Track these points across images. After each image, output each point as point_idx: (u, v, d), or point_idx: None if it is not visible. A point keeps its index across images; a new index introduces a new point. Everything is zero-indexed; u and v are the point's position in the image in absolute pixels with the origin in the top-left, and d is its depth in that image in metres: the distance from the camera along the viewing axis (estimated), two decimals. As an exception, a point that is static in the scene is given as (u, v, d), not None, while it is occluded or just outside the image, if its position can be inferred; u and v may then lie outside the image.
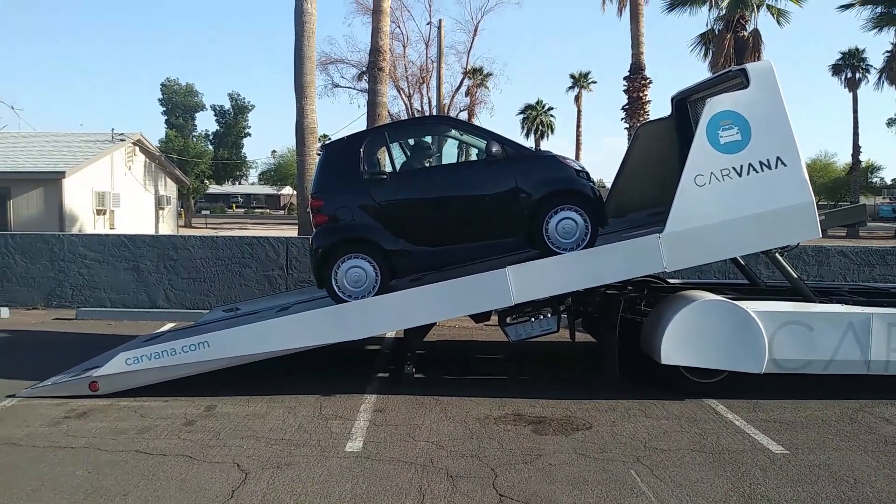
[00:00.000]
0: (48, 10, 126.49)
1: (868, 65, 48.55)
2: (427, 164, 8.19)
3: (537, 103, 64.19)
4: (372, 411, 6.92)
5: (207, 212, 75.38)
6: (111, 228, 25.69)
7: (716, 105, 7.34)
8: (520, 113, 64.47)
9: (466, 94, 47.19)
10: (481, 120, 51.56)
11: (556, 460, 5.71)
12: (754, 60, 22.03)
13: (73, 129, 33.63)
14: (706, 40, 25.83)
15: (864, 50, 49.17)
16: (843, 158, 65.88)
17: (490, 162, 7.51)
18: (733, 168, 7.23)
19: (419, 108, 42.59)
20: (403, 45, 41.52)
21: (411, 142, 8.23)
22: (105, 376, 7.30)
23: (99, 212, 25.49)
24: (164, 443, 6.01)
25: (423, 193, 7.67)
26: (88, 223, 24.58)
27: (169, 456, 5.71)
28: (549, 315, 7.81)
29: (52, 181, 22.82)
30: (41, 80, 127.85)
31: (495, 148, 7.46)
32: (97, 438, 6.09)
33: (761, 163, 7.23)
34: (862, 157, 52.84)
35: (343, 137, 8.16)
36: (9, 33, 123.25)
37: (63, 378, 7.82)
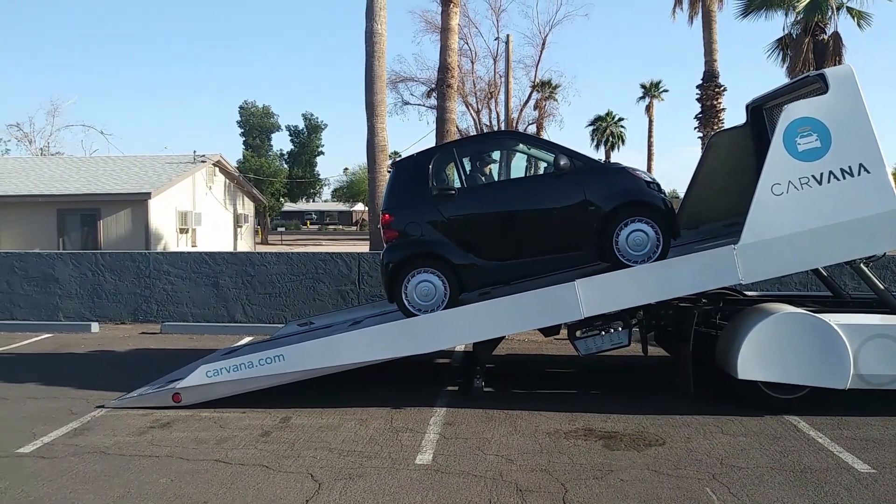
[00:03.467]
0: (137, 40, 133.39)
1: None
2: (495, 179, 8.23)
3: (607, 114, 63.39)
4: (442, 424, 6.97)
5: (283, 229, 77.68)
6: (193, 246, 26.78)
7: (793, 111, 7.13)
8: (589, 125, 63.76)
9: (535, 108, 47.13)
10: (550, 133, 51.48)
11: (627, 476, 5.61)
12: (835, 64, 21.23)
13: (158, 152, 35.32)
14: (783, 45, 24.95)
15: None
16: (936, 163, 62.41)
17: (558, 175, 7.50)
18: (812, 176, 7.01)
19: (487, 123, 42.77)
20: (471, 61, 41.84)
21: (479, 157, 8.28)
22: (187, 388, 7.61)
23: (182, 230, 26.60)
24: (241, 453, 6.21)
25: (492, 208, 7.71)
26: (172, 241, 25.69)
27: (247, 465, 5.90)
28: (621, 328, 7.70)
29: (138, 202, 24.01)
30: (129, 105, 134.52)
31: (563, 161, 7.45)
32: (179, 448, 6.36)
33: (842, 170, 6.98)
34: (957, 162, 49.91)
35: (412, 154, 8.29)
36: (99, 61, 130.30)
37: (148, 390, 8.19)
